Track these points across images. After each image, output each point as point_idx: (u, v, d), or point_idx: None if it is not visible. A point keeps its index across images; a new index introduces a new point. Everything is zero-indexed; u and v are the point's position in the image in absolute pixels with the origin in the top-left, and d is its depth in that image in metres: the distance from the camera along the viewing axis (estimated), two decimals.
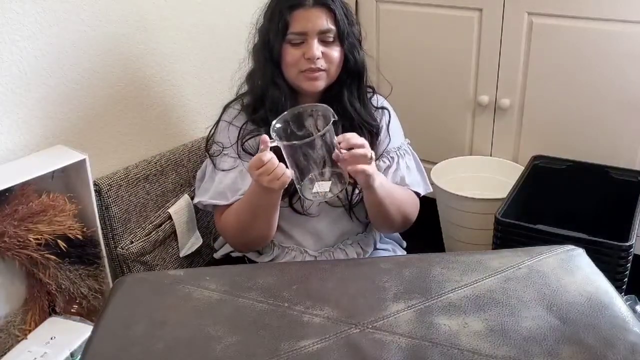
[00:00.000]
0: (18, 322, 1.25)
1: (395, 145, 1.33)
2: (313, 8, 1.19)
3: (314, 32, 1.19)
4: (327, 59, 1.21)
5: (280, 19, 1.19)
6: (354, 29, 1.25)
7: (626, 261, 1.40)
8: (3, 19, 1.19)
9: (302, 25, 1.19)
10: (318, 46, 1.19)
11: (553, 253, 0.93)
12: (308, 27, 1.19)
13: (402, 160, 1.32)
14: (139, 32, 1.48)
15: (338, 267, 0.96)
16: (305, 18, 1.18)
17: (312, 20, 1.18)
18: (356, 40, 1.26)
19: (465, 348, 0.74)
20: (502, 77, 1.85)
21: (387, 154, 1.31)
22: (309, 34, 1.19)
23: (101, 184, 1.36)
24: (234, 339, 0.77)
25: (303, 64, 1.20)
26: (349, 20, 1.24)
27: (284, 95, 1.23)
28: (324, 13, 1.19)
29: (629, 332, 0.77)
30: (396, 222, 1.28)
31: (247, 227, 1.22)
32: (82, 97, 1.37)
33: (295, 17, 1.19)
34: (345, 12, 1.23)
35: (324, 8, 1.19)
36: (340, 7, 1.22)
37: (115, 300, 0.88)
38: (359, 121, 1.27)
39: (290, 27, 1.19)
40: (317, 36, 1.19)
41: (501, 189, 1.75)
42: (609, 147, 1.75)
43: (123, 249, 1.41)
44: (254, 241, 1.27)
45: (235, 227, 1.24)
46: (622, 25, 1.62)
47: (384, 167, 1.30)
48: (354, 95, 1.28)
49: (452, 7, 1.86)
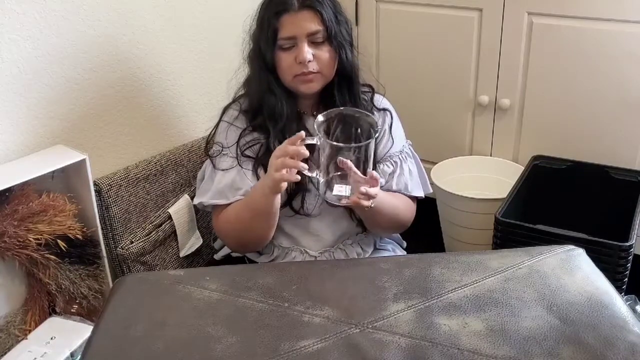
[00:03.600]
0: (18, 322, 1.25)
1: (398, 149, 1.33)
2: (299, 12, 1.19)
3: (303, 35, 1.19)
4: (319, 61, 1.21)
5: (269, 25, 1.19)
6: (342, 28, 1.24)
7: (626, 261, 1.40)
8: (3, 19, 1.19)
9: (290, 29, 1.19)
10: (308, 49, 1.19)
11: (553, 253, 0.93)
12: (296, 31, 1.19)
13: (405, 165, 1.32)
14: (139, 32, 1.48)
15: (338, 267, 0.96)
16: (293, 22, 1.19)
17: (299, 24, 1.19)
18: (345, 41, 1.25)
19: (465, 348, 0.74)
20: (502, 77, 1.85)
21: (390, 158, 1.31)
22: (299, 38, 1.19)
23: (101, 184, 1.36)
24: (234, 339, 0.77)
25: (296, 68, 1.20)
26: (338, 20, 1.23)
27: (280, 102, 1.23)
28: (310, 15, 1.19)
29: (629, 332, 0.77)
30: (388, 229, 1.34)
31: (245, 230, 1.22)
32: (82, 97, 1.37)
33: (283, 22, 1.19)
34: (334, 11, 1.23)
35: (310, 10, 1.19)
36: (329, 7, 1.22)
37: (115, 300, 0.88)
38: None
39: (279, 33, 1.19)
40: (306, 39, 1.19)
41: (501, 189, 1.75)
42: (609, 147, 1.75)
43: (123, 249, 1.41)
44: (250, 243, 1.27)
45: (233, 228, 1.24)
46: (622, 25, 1.62)
47: (388, 171, 1.31)
48: (345, 95, 1.28)
49: (452, 7, 1.86)
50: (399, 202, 1.30)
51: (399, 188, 1.30)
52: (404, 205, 1.31)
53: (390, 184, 1.30)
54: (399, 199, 1.30)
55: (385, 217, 1.23)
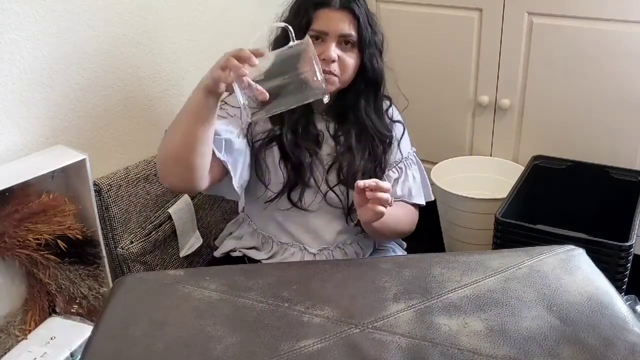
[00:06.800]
0: (18, 322, 1.25)
1: (404, 156, 1.34)
2: (338, 10, 1.19)
3: (335, 34, 1.19)
4: (341, 64, 1.20)
5: (304, 14, 1.19)
6: (376, 38, 1.25)
7: (626, 261, 1.41)
8: (3, 18, 1.18)
9: (325, 24, 1.19)
10: (335, 49, 1.19)
11: (553, 253, 0.93)
12: (330, 27, 1.19)
13: (409, 171, 1.34)
14: (139, 32, 1.48)
15: (338, 268, 0.96)
16: (329, 18, 1.19)
17: (334, 21, 1.19)
18: (377, 50, 1.26)
19: (465, 348, 0.74)
20: (502, 77, 1.85)
21: (395, 164, 1.33)
22: (330, 35, 1.19)
23: (101, 184, 1.36)
24: (234, 339, 0.77)
25: None
26: (372, 30, 1.24)
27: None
28: (348, 17, 1.19)
29: (629, 332, 0.77)
30: (389, 238, 1.36)
31: (172, 135, 1.09)
32: (82, 97, 1.37)
33: (319, 16, 1.19)
34: (370, 20, 1.23)
35: (349, 12, 1.19)
36: (365, 14, 1.22)
37: (115, 300, 0.88)
38: (373, 130, 1.28)
39: (312, 24, 1.19)
40: (336, 39, 1.19)
41: (501, 189, 1.75)
42: (609, 147, 1.76)
43: (123, 249, 1.41)
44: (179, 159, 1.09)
45: (167, 136, 1.11)
46: (622, 25, 1.62)
47: (393, 177, 1.32)
48: (370, 104, 1.28)
49: (452, 7, 1.86)
50: (401, 211, 1.30)
51: (403, 194, 1.31)
52: (406, 214, 1.32)
53: (395, 190, 1.31)
54: (402, 209, 1.31)
55: (386, 227, 1.23)
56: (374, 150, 1.28)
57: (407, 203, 1.33)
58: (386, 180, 1.30)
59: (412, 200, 1.33)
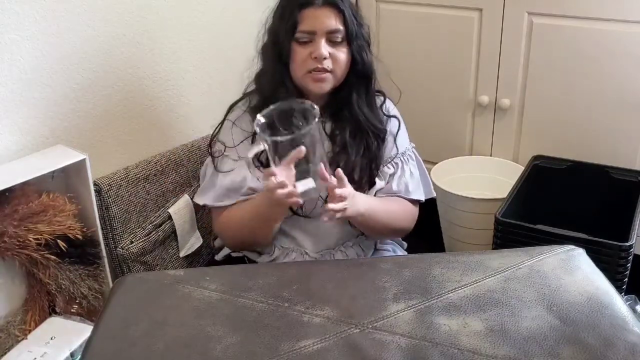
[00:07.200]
0: (18, 322, 1.25)
1: (400, 151, 1.33)
2: (322, 7, 1.19)
3: (323, 31, 1.19)
4: (334, 60, 1.21)
5: (290, 17, 1.19)
6: (362, 30, 1.25)
7: (626, 261, 1.41)
8: (3, 18, 1.18)
9: (311, 24, 1.19)
10: (325, 46, 1.19)
11: (553, 253, 0.93)
12: (317, 26, 1.19)
13: (406, 167, 1.33)
14: (139, 32, 1.48)
15: (338, 267, 0.96)
16: (314, 17, 1.19)
17: (321, 19, 1.19)
18: (364, 42, 1.25)
19: (465, 348, 0.74)
20: (502, 77, 1.85)
21: (390, 159, 1.32)
22: (318, 33, 1.19)
23: (101, 184, 1.36)
24: (234, 339, 0.77)
25: (310, 63, 1.20)
26: (358, 22, 1.24)
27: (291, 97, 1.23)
28: (333, 13, 1.19)
29: (629, 332, 0.77)
30: (385, 235, 1.35)
31: (249, 232, 1.24)
32: (82, 97, 1.37)
33: (305, 16, 1.19)
34: (354, 13, 1.23)
35: (333, 8, 1.20)
36: (349, 7, 1.22)
37: (115, 300, 0.88)
38: (367, 124, 1.27)
39: (299, 26, 1.19)
40: (325, 36, 1.19)
41: (501, 189, 1.75)
42: (609, 147, 1.75)
43: (123, 249, 1.41)
44: (253, 244, 1.30)
45: (236, 229, 1.25)
46: (622, 25, 1.62)
47: (389, 173, 1.31)
48: (362, 98, 1.28)
49: (452, 7, 1.86)
50: (396, 207, 1.30)
51: (399, 189, 1.30)
52: (402, 209, 1.31)
53: (390, 185, 1.30)
54: (396, 204, 1.30)
55: (379, 223, 1.23)
56: (368, 146, 1.28)
57: (404, 199, 1.32)
58: (381, 177, 1.30)
59: (410, 196, 1.31)
